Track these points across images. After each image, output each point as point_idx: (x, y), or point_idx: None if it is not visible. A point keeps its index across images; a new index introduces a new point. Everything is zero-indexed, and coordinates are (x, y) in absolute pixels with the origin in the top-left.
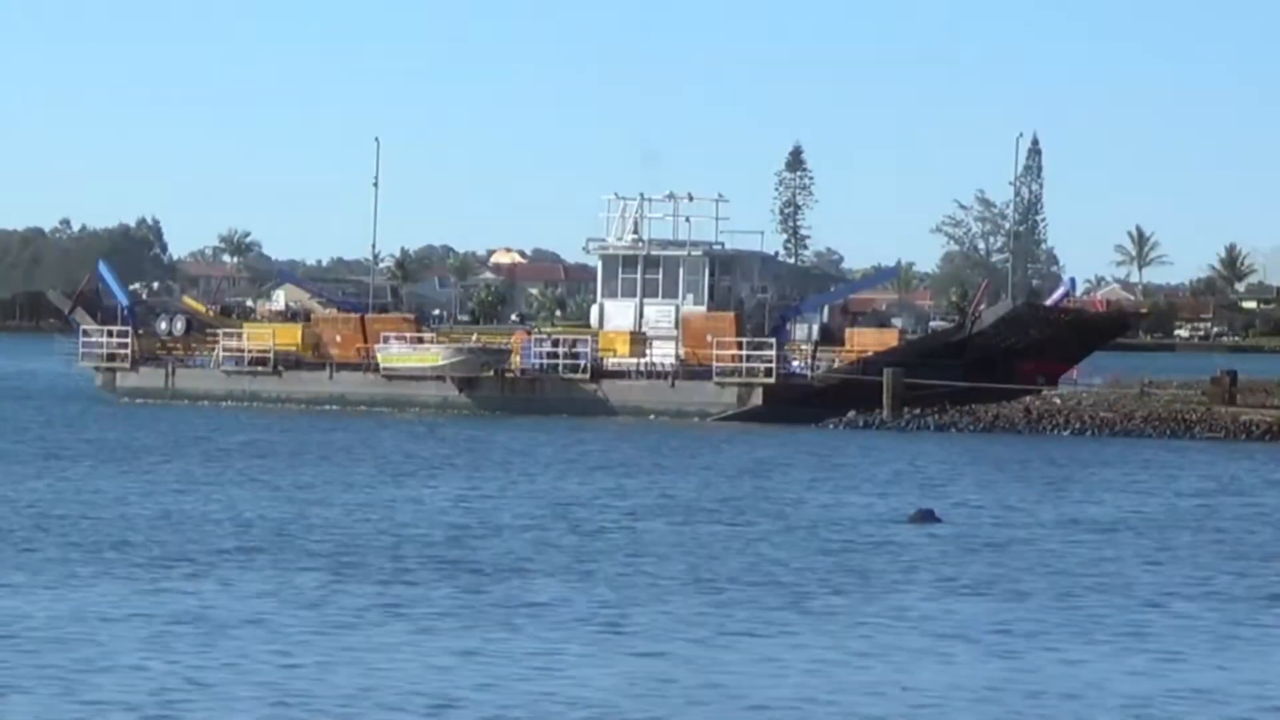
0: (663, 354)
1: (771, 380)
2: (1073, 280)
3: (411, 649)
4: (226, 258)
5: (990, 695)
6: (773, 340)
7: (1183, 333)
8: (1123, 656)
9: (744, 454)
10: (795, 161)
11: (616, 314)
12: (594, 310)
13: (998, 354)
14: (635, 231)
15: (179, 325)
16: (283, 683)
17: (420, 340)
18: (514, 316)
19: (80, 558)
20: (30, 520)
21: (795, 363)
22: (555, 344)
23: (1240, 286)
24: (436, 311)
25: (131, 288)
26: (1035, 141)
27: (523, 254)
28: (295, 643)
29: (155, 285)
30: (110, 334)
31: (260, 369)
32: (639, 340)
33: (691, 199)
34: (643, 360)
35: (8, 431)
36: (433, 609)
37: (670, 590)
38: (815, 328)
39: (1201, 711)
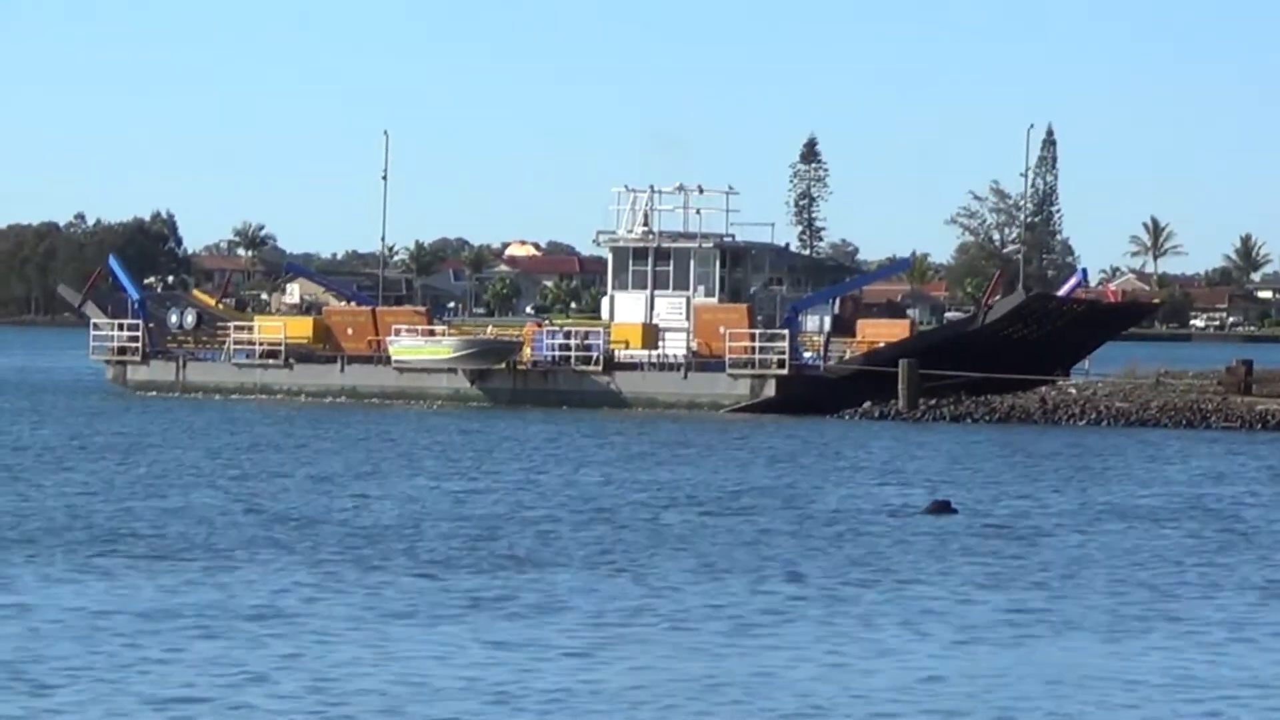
0: (673, 346)
1: (784, 371)
2: (1084, 271)
3: (451, 641)
4: (241, 251)
5: (1011, 686)
6: (785, 332)
7: (1198, 323)
8: (1144, 646)
9: (761, 445)
10: (810, 154)
11: (626, 306)
12: (604, 302)
13: (1010, 345)
14: (645, 224)
15: (189, 318)
16: (331, 674)
17: (431, 333)
18: (529, 309)
19: (133, 552)
20: (65, 515)
21: (807, 354)
22: (567, 336)
23: (1256, 276)
24: (451, 304)
25: (146, 281)
26: (1050, 133)
27: (537, 247)
28: (346, 635)
29: (170, 279)
30: (121, 327)
31: (271, 361)
32: (652, 332)
33: (701, 191)
34: (655, 352)
35: (34, 426)
36: (473, 600)
37: (689, 582)
38: (827, 319)
39: (1226, 701)
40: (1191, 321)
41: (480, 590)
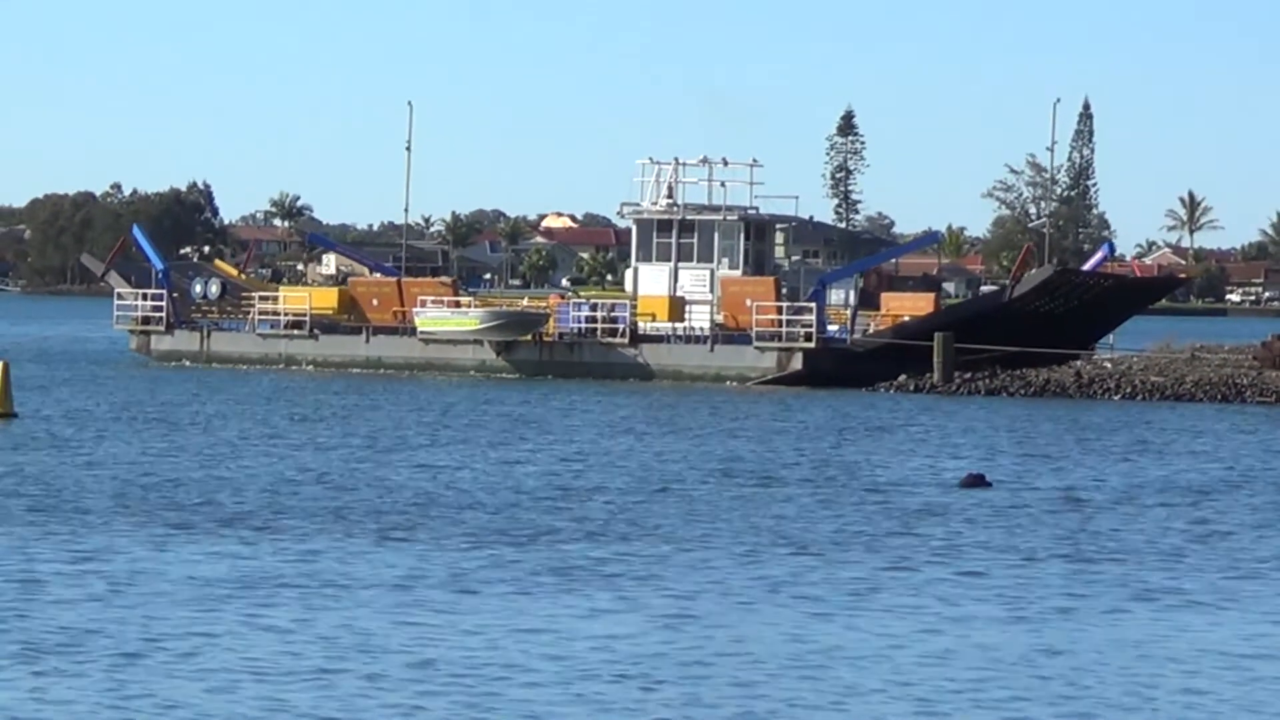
0: (698, 318)
1: (811, 345)
2: (1110, 245)
3: (541, 612)
4: (278, 222)
5: (1045, 661)
6: (813, 305)
7: (1234, 297)
8: (1180, 621)
9: (796, 418)
10: (847, 126)
11: (650, 278)
12: (628, 274)
13: (1037, 319)
14: (669, 196)
15: (213, 289)
16: (417, 648)
17: (457, 304)
18: (564, 281)
19: (210, 522)
20: (129, 484)
21: (833, 327)
22: (593, 308)
23: None
24: (487, 276)
25: (182, 252)
26: (1087, 106)
27: (573, 219)
28: (432, 607)
29: (206, 250)
30: (144, 297)
31: (296, 332)
32: (678, 305)
33: (726, 163)
34: (680, 325)
35: (78, 394)
36: (540, 571)
37: (724, 555)
38: (852, 293)
39: (1259, 681)
40: (1227, 296)
41: (562, 560)
